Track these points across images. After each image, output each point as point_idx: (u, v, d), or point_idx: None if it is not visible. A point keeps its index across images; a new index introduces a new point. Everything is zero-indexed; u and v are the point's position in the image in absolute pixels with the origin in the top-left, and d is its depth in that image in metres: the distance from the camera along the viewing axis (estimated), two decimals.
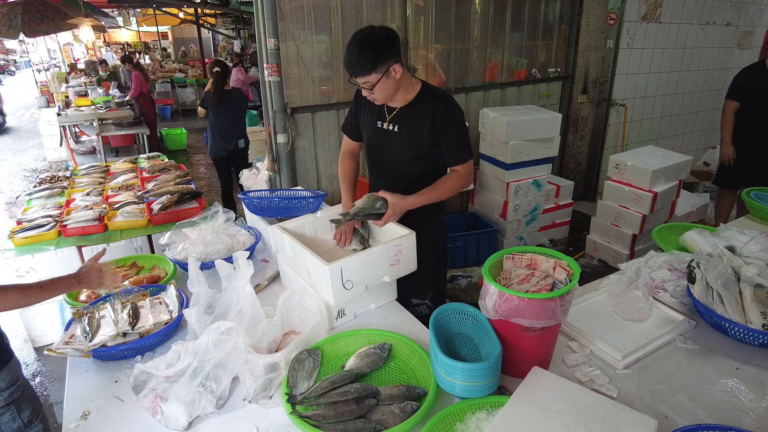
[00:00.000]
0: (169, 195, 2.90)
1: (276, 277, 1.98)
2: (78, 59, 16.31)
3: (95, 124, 6.31)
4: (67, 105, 7.76)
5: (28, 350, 2.99)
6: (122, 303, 1.63)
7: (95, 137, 6.40)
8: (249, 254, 1.92)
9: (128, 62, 7.64)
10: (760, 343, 1.39)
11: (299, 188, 2.81)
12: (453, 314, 1.44)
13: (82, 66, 12.53)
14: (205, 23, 13.74)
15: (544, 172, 3.96)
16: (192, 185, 3.12)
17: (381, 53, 1.61)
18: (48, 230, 2.71)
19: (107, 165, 4.00)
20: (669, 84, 5.33)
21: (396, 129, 1.85)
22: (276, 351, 1.43)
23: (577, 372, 1.35)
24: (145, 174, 3.54)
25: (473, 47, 4.10)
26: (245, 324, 1.44)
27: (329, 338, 1.50)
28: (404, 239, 1.65)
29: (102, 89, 8.86)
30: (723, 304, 1.44)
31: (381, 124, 1.89)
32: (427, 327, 1.42)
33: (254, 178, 3.43)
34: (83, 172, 3.81)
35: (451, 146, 1.81)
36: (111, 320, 1.54)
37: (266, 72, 3.09)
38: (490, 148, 3.89)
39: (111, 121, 6.52)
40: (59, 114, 6.72)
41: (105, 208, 2.91)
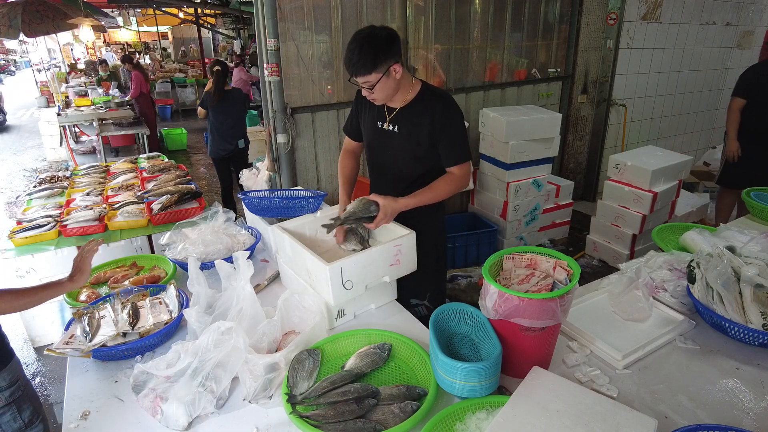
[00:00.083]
0: (169, 195, 2.90)
1: (276, 277, 1.98)
2: (78, 59, 16.33)
3: (95, 124, 6.31)
4: (67, 105, 7.76)
5: (28, 350, 2.99)
6: (122, 303, 1.63)
7: (95, 137, 6.40)
8: (249, 254, 1.92)
9: (128, 62, 7.64)
10: (760, 343, 1.39)
11: (299, 188, 2.81)
12: (453, 314, 1.44)
13: (82, 66, 12.53)
14: (205, 23, 13.74)
15: (544, 172, 3.96)
16: (192, 185, 3.11)
17: (381, 53, 1.61)
18: (48, 230, 2.71)
19: (107, 165, 3.99)
20: (669, 84, 5.33)
21: (396, 129, 1.85)
22: (276, 351, 1.43)
23: (577, 372, 1.35)
24: (145, 174, 3.54)
25: (473, 47, 4.10)
26: (245, 324, 1.44)
27: (329, 338, 1.50)
28: (404, 239, 1.65)
29: (102, 89, 8.86)
30: (723, 304, 1.44)
31: (381, 125, 1.89)
32: (427, 327, 1.42)
33: (254, 178, 3.43)
34: (83, 172, 3.81)
35: (448, 146, 1.80)
36: (111, 320, 1.54)
37: (266, 72, 3.09)
38: (490, 148, 3.89)
39: (111, 121, 6.52)
40: (59, 114, 6.72)
41: (105, 208, 2.91)
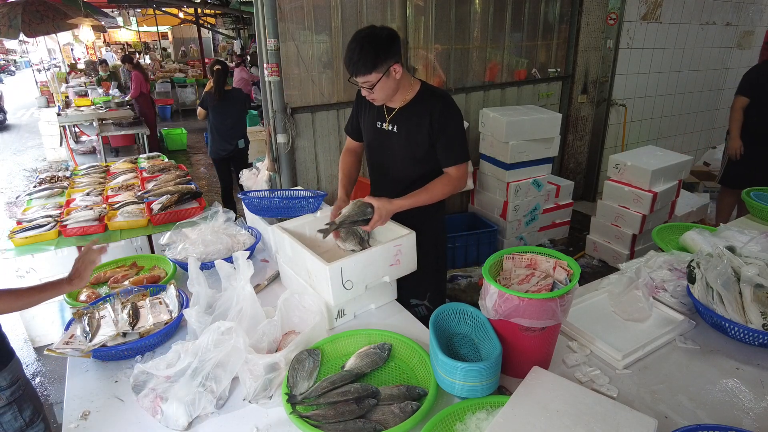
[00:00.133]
0: (169, 195, 2.90)
1: (276, 277, 1.98)
2: (78, 59, 16.34)
3: (95, 124, 6.31)
4: (67, 105, 7.76)
5: (28, 350, 2.99)
6: (122, 303, 1.63)
7: (95, 137, 6.40)
8: (249, 254, 1.92)
9: (128, 62, 7.65)
10: (760, 343, 1.39)
11: (299, 188, 2.81)
12: (453, 314, 1.44)
13: (82, 66, 12.54)
14: (205, 23, 13.75)
15: (544, 172, 3.96)
16: (192, 185, 3.11)
17: (381, 53, 1.61)
18: (48, 230, 2.71)
19: (107, 165, 3.99)
20: (669, 84, 5.33)
21: (395, 129, 1.85)
22: (276, 351, 1.43)
23: (577, 372, 1.35)
24: (145, 174, 3.54)
25: (473, 47, 4.10)
26: (245, 324, 1.44)
27: (329, 338, 1.50)
28: (404, 239, 1.65)
29: (102, 89, 8.86)
30: (723, 304, 1.44)
31: (381, 125, 1.88)
32: (427, 327, 1.42)
33: (254, 178, 3.43)
34: (83, 172, 3.81)
35: (447, 146, 1.80)
36: (111, 320, 1.54)
37: (266, 72, 3.09)
38: (490, 148, 3.89)
39: (111, 121, 6.52)
40: (59, 114, 6.72)
41: (105, 208, 2.91)
